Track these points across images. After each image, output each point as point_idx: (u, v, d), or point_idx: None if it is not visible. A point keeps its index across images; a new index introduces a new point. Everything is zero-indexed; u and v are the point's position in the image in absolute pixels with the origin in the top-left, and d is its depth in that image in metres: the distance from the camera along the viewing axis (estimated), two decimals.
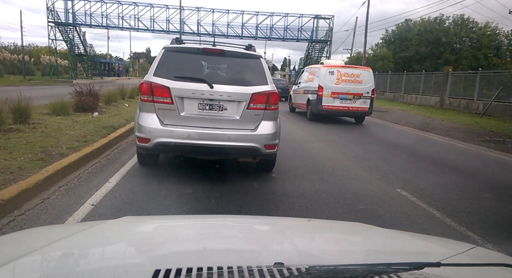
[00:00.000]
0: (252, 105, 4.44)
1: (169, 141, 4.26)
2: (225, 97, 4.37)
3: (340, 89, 11.69)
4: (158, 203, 3.67)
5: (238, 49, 4.87)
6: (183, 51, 4.68)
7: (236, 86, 4.47)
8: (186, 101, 4.34)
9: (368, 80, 12.01)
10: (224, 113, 4.41)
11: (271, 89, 4.53)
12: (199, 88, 4.33)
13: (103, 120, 7.89)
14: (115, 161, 5.34)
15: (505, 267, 0.96)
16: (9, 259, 0.92)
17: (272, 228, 1.52)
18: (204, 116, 4.37)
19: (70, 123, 7.08)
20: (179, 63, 4.59)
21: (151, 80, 4.34)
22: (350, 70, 12.14)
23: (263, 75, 4.64)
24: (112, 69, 56.82)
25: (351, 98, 11.71)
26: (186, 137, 4.26)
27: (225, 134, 4.35)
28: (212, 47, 4.67)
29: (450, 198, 4.47)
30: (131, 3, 32.42)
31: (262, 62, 4.77)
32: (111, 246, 1.18)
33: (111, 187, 4.06)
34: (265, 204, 4.00)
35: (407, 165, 6.33)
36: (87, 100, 8.80)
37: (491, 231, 3.55)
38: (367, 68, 12.75)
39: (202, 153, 4.51)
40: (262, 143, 4.45)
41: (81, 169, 4.73)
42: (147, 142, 4.30)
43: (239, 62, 4.83)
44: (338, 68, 12.12)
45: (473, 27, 34.49)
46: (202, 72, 4.80)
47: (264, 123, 4.50)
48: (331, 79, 11.77)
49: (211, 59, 4.86)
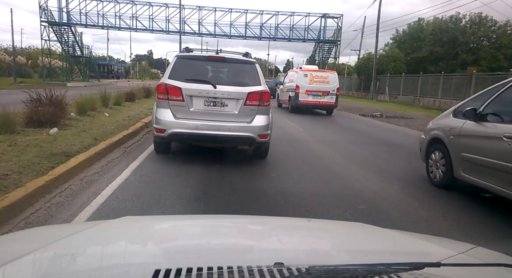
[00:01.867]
0: (248, 102, 5.38)
1: (181, 131, 5.25)
2: (226, 96, 5.35)
3: (312, 88, 15.06)
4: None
5: (237, 56, 5.93)
6: (192, 58, 5.75)
7: (235, 86, 5.44)
8: (195, 99, 5.34)
9: (333, 81, 15.46)
10: (225, 108, 5.38)
11: (263, 89, 5.49)
12: (205, 88, 5.31)
13: (60, 140, 5.78)
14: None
15: (505, 267, 0.96)
16: (9, 258, 0.92)
17: (272, 228, 1.51)
18: (209, 111, 5.34)
19: (4, 147, 4.99)
20: (189, 68, 5.59)
21: (166, 82, 5.37)
22: (320, 73, 15.75)
23: (257, 78, 5.61)
24: (111, 71, 54.95)
25: (321, 94, 15.11)
26: (194, 128, 5.24)
27: (226, 126, 5.29)
28: (216, 55, 5.79)
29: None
30: (128, 1, 30.71)
31: (257, 67, 5.76)
32: (111, 246, 1.18)
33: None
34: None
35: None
36: (45, 111, 6.72)
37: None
38: (333, 72, 16.91)
39: (207, 141, 5.47)
40: (257, 133, 5.38)
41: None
42: (163, 132, 5.28)
43: (237, 67, 5.85)
44: (311, 71, 15.64)
45: (492, 26, 32.15)
46: (207, 75, 5.76)
47: (258, 117, 5.43)
48: (305, 80, 15.14)
49: (215, 65, 5.83)
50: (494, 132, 4.08)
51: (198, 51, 6.20)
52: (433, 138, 5.19)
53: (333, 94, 15.17)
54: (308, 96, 15.02)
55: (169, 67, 5.66)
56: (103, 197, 3.80)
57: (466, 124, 4.55)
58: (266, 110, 5.54)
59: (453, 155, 4.69)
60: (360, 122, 14.17)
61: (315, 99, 15.10)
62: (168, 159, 5.79)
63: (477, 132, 4.35)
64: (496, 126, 4.10)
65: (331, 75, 15.85)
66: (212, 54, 5.83)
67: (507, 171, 3.75)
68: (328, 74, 15.99)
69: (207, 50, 6.38)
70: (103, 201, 3.68)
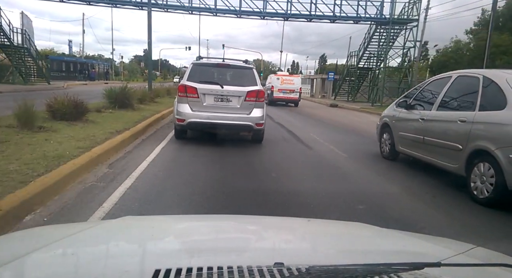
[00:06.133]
0: (247, 99, 6.97)
1: (197, 121, 6.85)
2: (230, 94, 6.96)
3: (282, 87, 21.38)
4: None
5: (239, 63, 7.68)
6: (204, 65, 7.59)
7: (237, 86, 7.04)
8: (207, 96, 6.93)
9: (297, 82, 22.16)
10: (230, 103, 6.97)
11: (259, 88, 7.17)
12: (215, 88, 6.93)
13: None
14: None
15: (505, 267, 0.96)
16: (9, 258, 0.91)
17: (272, 228, 1.51)
18: (217, 105, 6.92)
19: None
20: (202, 72, 7.31)
21: (185, 83, 7.00)
22: (287, 77, 22.47)
23: (254, 80, 7.26)
24: (83, 70, 44.30)
25: (288, 92, 21.40)
26: (206, 118, 6.82)
27: (231, 116, 6.89)
28: (222, 63, 7.63)
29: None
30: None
31: (254, 72, 7.45)
32: (111, 245, 1.19)
33: None
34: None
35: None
36: None
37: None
38: (297, 76, 26.15)
39: (216, 128, 7.11)
40: (254, 122, 7.00)
41: None
42: (183, 121, 6.89)
43: (239, 72, 7.52)
44: (282, 76, 22.61)
45: None
46: (216, 78, 7.29)
47: (255, 110, 7.03)
48: (278, 82, 21.54)
49: (222, 70, 7.56)
50: (415, 117, 5.86)
51: (206, 59, 8.15)
52: (384, 123, 7.02)
53: (297, 92, 21.74)
54: (280, 93, 21.40)
55: (186, 72, 7.45)
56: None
57: (401, 112, 6.37)
58: (261, 105, 7.18)
59: (395, 134, 6.48)
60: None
61: (285, 95, 21.51)
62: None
63: (407, 117, 6.17)
64: (417, 113, 5.88)
65: (296, 79, 22.80)
66: (219, 62, 7.65)
67: (420, 141, 5.64)
68: (293, 78, 22.95)
69: (213, 58, 8.52)
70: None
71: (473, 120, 4.57)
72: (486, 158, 4.31)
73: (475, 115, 4.59)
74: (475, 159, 4.49)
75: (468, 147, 4.57)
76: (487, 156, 4.28)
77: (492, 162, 4.20)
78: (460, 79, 5.37)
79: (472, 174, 4.49)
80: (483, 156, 4.35)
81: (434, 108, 5.49)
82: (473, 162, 4.51)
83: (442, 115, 5.27)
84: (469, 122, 4.63)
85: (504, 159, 4.00)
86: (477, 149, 4.44)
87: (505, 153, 4.01)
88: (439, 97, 5.48)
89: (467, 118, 4.68)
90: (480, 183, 4.34)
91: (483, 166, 4.33)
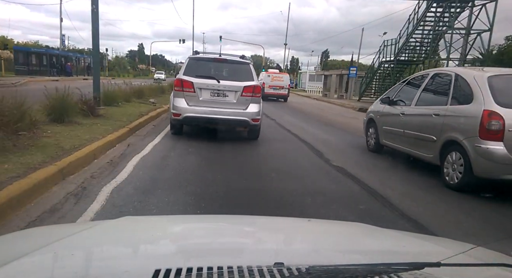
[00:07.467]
0: (244, 94, 6.90)
1: (193, 115, 6.80)
2: (227, 88, 6.87)
3: (273, 84, 22.75)
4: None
5: (235, 58, 7.52)
6: (201, 59, 7.49)
7: (233, 81, 6.96)
8: (203, 90, 6.86)
9: (286, 79, 23.65)
10: (226, 98, 6.89)
11: (255, 83, 7.11)
12: (211, 82, 6.86)
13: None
14: None
15: (505, 267, 0.95)
16: (9, 258, 0.91)
17: (272, 228, 1.53)
18: (214, 100, 6.85)
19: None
20: (199, 67, 7.21)
21: (181, 77, 6.92)
22: (277, 75, 24.02)
23: (250, 75, 7.20)
24: (56, 64, 38.01)
25: (278, 88, 22.87)
26: (203, 112, 6.77)
27: (227, 111, 6.82)
28: (219, 57, 7.36)
29: None
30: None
31: (250, 67, 7.39)
32: (111, 246, 1.19)
33: None
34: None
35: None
36: None
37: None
38: (285, 73, 26.78)
39: (212, 123, 6.98)
40: (250, 117, 6.91)
41: None
42: (179, 116, 6.83)
43: (235, 67, 7.40)
44: (272, 73, 24.22)
45: None
46: (212, 72, 7.21)
47: (251, 105, 6.96)
48: (268, 79, 22.90)
49: (218, 65, 7.40)
50: (396, 112, 6.30)
51: (203, 54, 8.04)
52: (369, 118, 7.40)
53: (286, 88, 23.19)
54: (270, 89, 22.69)
55: (183, 66, 7.36)
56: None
57: (385, 108, 6.79)
58: (258, 100, 7.09)
59: (379, 128, 6.91)
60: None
61: (275, 91, 22.94)
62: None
63: (389, 112, 6.58)
64: (398, 108, 6.32)
65: (285, 76, 24.47)
66: (216, 57, 7.39)
67: (401, 134, 6.11)
68: (282, 75, 24.57)
69: (210, 53, 8.19)
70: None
71: (445, 114, 5.05)
72: (456, 147, 4.79)
73: (447, 109, 5.07)
74: (447, 149, 4.97)
75: (441, 138, 5.06)
76: (457, 146, 4.77)
77: (461, 151, 4.69)
78: (436, 77, 5.88)
79: (445, 162, 4.98)
80: (454, 146, 4.84)
81: (413, 104, 5.96)
82: (445, 152, 4.99)
83: (420, 110, 5.72)
84: (441, 116, 5.10)
85: (471, 148, 4.51)
86: (448, 140, 4.93)
87: (471, 143, 4.52)
88: (417, 93, 5.97)
89: (440, 112, 5.15)
90: (451, 170, 4.83)
91: (454, 155, 4.82)
